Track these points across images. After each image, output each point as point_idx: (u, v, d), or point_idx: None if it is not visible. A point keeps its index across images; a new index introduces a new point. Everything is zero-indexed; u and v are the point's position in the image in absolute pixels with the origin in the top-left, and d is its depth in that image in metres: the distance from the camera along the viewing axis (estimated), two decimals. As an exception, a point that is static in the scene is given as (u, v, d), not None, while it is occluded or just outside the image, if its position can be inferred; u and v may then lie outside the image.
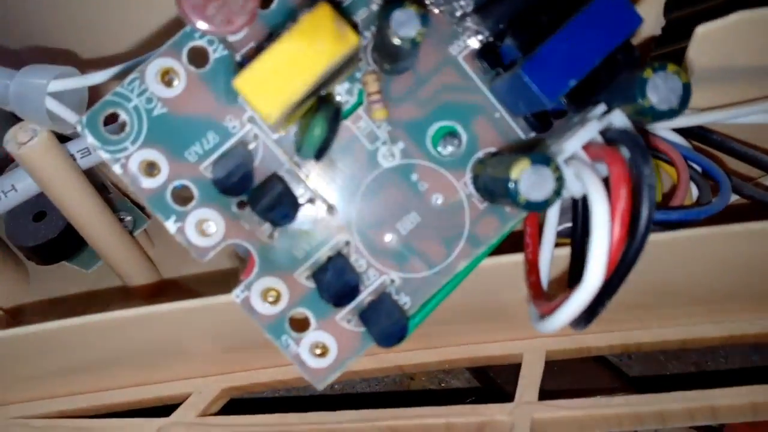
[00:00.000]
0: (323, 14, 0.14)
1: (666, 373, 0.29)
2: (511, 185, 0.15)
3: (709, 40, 0.19)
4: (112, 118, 0.16)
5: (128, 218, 0.27)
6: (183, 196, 0.17)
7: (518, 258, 0.20)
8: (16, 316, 0.26)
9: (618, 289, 0.15)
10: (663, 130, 0.20)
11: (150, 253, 0.27)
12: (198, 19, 0.14)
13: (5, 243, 0.27)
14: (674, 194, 0.20)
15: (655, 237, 0.20)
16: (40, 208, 0.26)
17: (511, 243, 0.19)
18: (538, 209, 0.15)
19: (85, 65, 0.21)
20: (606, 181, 0.15)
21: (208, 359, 0.24)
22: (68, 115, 0.20)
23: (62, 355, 0.23)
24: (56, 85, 0.20)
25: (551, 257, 0.18)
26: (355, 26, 0.16)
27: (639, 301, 0.23)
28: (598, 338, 0.24)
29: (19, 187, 0.22)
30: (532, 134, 0.18)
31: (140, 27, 0.21)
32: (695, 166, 0.20)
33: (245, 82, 0.14)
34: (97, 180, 0.26)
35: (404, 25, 0.15)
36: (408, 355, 0.24)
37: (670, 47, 0.21)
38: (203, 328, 0.23)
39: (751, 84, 0.20)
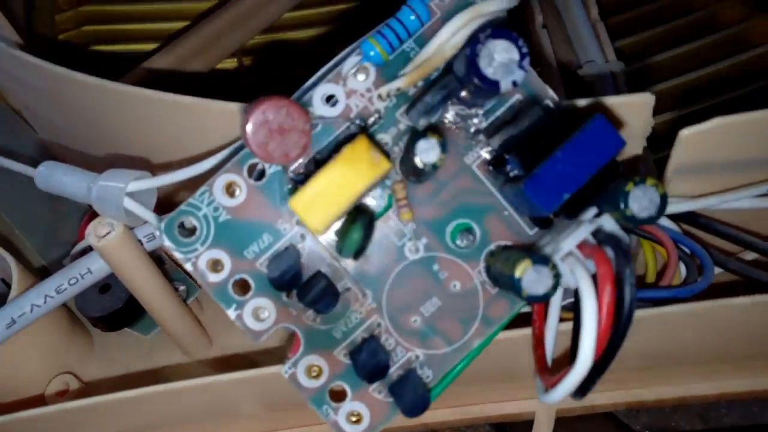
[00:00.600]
0: (361, 146, 0.18)
1: (671, 424, 0.31)
2: (516, 281, 0.18)
3: (690, 142, 0.22)
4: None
5: (182, 287, 0.30)
6: (242, 286, 0.20)
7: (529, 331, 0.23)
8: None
9: (608, 368, 0.18)
10: (655, 215, 0.23)
11: (201, 318, 0.30)
12: (262, 155, 0.17)
13: (73, 311, 0.31)
14: (664, 274, 0.23)
15: (650, 312, 0.23)
16: (105, 281, 0.29)
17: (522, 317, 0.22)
18: (538, 301, 0.18)
19: (155, 168, 0.25)
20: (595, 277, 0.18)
21: (255, 420, 0.27)
22: (144, 213, 0.23)
23: (124, 421, 0.26)
24: (133, 186, 0.23)
25: (555, 334, 0.21)
26: (385, 152, 0.20)
27: (640, 365, 0.26)
28: (604, 397, 0.26)
29: (93, 269, 0.26)
30: (536, 230, 0.21)
31: (199, 138, 0.24)
32: (684, 248, 0.23)
33: (298, 202, 0.18)
34: (155, 252, 0.30)
35: (427, 153, 0.18)
36: (431, 414, 0.27)
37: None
38: (253, 394, 0.26)
39: (732, 175, 0.23)
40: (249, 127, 0.17)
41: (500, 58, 0.17)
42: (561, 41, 0.35)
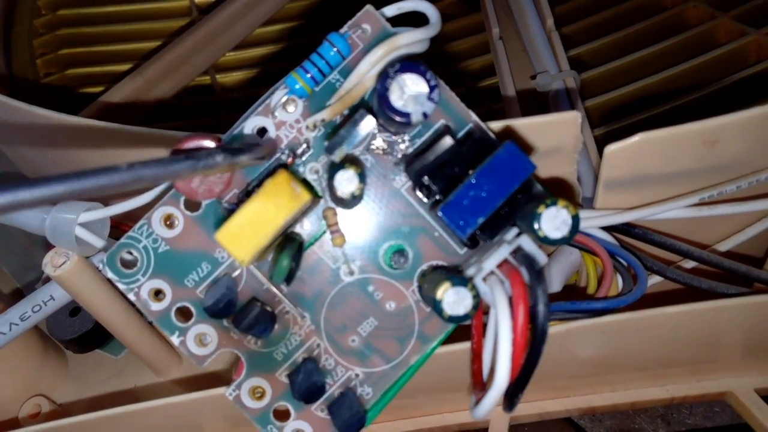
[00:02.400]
0: (281, 179, 0.18)
1: (635, 427, 0.32)
2: (436, 303, 0.18)
3: (617, 156, 0.22)
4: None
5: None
6: (184, 314, 0.21)
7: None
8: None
9: (528, 382, 0.19)
10: (592, 228, 0.24)
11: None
12: (188, 192, 0.18)
13: (47, 336, 0.32)
14: (600, 286, 0.23)
15: (587, 323, 0.23)
16: (75, 304, 0.30)
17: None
18: (459, 322, 0.19)
19: (108, 198, 0.26)
20: (515, 296, 0.18)
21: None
22: (94, 240, 0.24)
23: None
24: (85, 217, 0.24)
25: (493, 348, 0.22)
26: (309, 183, 0.20)
27: (588, 372, 0.26)
28: (556, 404, 0.27)
29: (56, 296, 0.27)
30: (466, 249, 0.21)
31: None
32: (620, 259, 0.24)
33: (223, 235, 0.18)
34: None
35: (344, 184, 0.19)
36: (388, 425, 0.28)
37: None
38: (216, 412, 0.26)
39: (663, 186, 0.24)
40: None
41: (410, 91, 0.18)
42: (517, 53, 0.36)
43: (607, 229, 0.24)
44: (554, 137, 0.23)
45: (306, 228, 0.21)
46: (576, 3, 0.44)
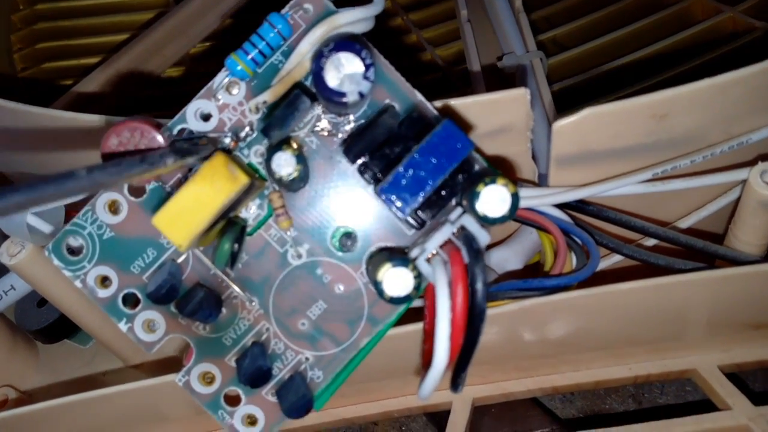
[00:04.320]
0: (218, 162, 0.18)
1: (605, 407, 0.32)
2: (377, 285, 0.18)
3: (566, 132, 0.22)
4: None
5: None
6: (131, 300, 0.21)
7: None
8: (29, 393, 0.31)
9: (470, 362, 0.19)
10: (546, 206, 0.24)
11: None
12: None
13: (17, 326, 0.32)
14: (554, 263, 0.23)
15: (540, 300, 0.23)
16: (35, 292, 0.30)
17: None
18: (401, 303, 0.19)
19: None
20: (456, 275, 0.18)
21: (185, 422, 0.28)
22: (47, 228, 0.24)
23: (60, 428, 0.27)
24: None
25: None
26: (250, 165, 0.20)
27: (550, 352, 0.26)
28: (517, 384, 0.27)
29: (17, 286, 0.27)
30: (413, 231, 0.21)
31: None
32: (574, 237, 0.24)
33: (160, 220, 0.18)
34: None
35: (282, 165, 0.18)
36: (352, 409, 0.28)
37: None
38: (180, 398, 0.26)
39: (615, 162, 0.24)
40: (104, 152, 0.18)
41: (345, 71, 0.18)
42: (488, 36, 0.35)
43: (561, 206, 0.24)
44: (504, 115, 0.23)
45: (252, 212, 0.21)
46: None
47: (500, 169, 0.24)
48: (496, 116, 0.23)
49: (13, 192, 0.13)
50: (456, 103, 0.22)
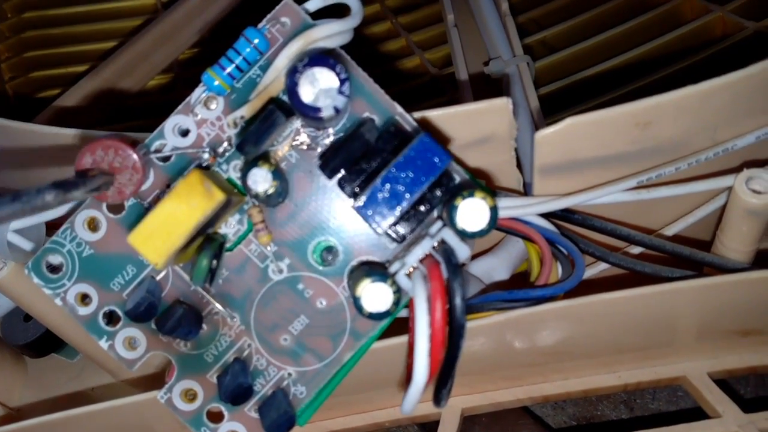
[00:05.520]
0: (193, 179, 0.18)
1: (597, 413, 0.32)
2: (356, 300, 0.18)
3: (548, 142, 0.22)
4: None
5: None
6: (112, 318, 0.21)
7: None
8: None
9: (451, 377, 0.18)
10: (530, 215, 0.23)
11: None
12: (96, 196, 0.18)
13: (4, 341, 0.31)
14: (540, 274, 0.23)
15: (526, 311, 0.23)
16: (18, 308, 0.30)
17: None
18: (381, 318, 0.18)
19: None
20: (436, 290, 0.18)
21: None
22: (28, 246, 0.24)
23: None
24: (19, 223, 0.24)
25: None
26: (228, 180, 0.20)
27: (539, 361, 0.26)
28: (506, 393, 0.27)
29: (1, 302, 0.27)
30: (395, 245, 0.21)
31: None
32: (559, 246, 0.23)
33: (135, 238, 0.18)
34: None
35: (258, 181, 0.18)
36: (340, 421, 0.27)
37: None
38: (166, 413, 0.26)
39: (600, 171, 0.23)
40: (77, 169, 0.18)
41: (320, 86, 0.18)
42: (475, 40, 0.35)
43: (547, 216, 0.24)
44: (487, 125, 0.22)
45: (232, 227, 0.21)
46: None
47: (484, 179, 0.24)
48: (478, 126, 0.22)
49: None
50: (437, 114, 0.22)
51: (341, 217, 0.21)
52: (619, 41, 0.38)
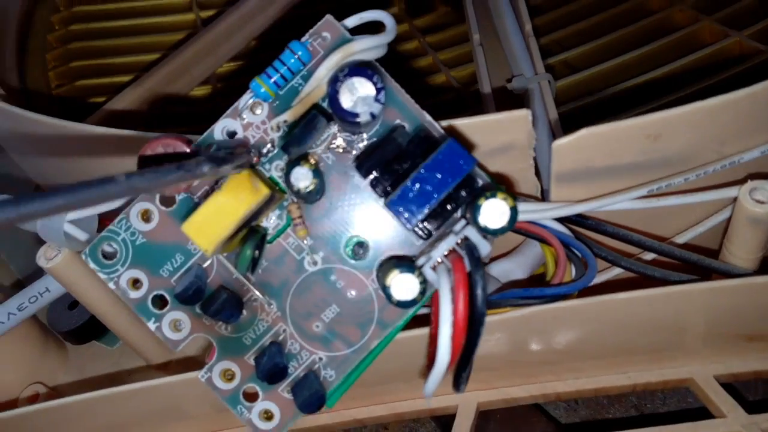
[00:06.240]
0: (242, 175, 0.20)
1: (608, 416, 0.33)
2: (385, 289, 0.20)
3: (564, 151, 0.24)
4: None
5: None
6: (160, 301, 0.23)
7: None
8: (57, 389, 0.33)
9: (470, 362, 0.20)
10: (547, 219, 0.25)
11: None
12: (153, 187, 0.20)
13: (48, 327, 0.34)
14: (555, 274, 0.25)
15: (540, 308, 0.25)
16: (73, 298, 0.32)
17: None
18: (407, 307, 0.20)
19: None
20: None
21: (204, 419, 0.30)
22: (82, 236, 0.26)
23: (84, 424, 0.29)
24: (74, 214, 0.26)
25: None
26: (272, 179, 0.22)
27: (550, 359, 0.28)
28: (521, 390, 0.28)
29: (51, 288, 0.29)
30: (421, 241, 0.23)
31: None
32: (573, 249, 0.25)
33: (189, 226, 0.20)
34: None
35: (300, 179, 0.20)
36: (363, 410, 0.29)
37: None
38: (199, 395, 0.28)
39: (613, 179, 0.25)
40: (139, 164, 0.20)
41: (359, 94, 0.20)
42: (499, 59, 0.37)
43: (562, 220, 0.25)
44: (508, 134, 0.24)
45: (272, 221, 0.23)
46: (564, 10, 0.46)
47: (504, 184, 0.26)
48: (500, 135, 0.24)
49: (56, 195, 0.14)
50: (463, 122, 0.24)
51: (373, 215, 0.23)
52: (638, 63, 0.40)
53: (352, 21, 0.23)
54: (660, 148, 0.24)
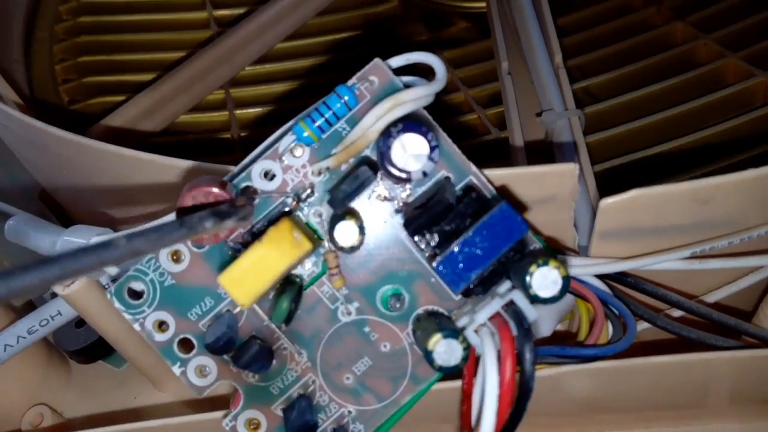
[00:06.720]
0: (284, 228, 0.19)
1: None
2: (428, 354, 0.19)
3: (611, 210, 0.23)
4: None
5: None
6: (186, 345, 0.22)
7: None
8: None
9: (513, 434, 0.19)
10: (586, 275, 0.25)
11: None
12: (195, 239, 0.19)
13: (52, 345, 0.33)
14: (591, 332, 0.24)
15: (576, 368, 0.24)
16: (80, 318, 0.31)
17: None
18: (449, 372, 0.19)
19: (116, 223, 0.27)
20: (504, 350, 0.19)
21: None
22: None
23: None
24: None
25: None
26: (312, 228, 0.21)
27: (578, 411, 0.27)
28: (545, 442, 0.28)
29: (63, 311, 0.28)
30: (460, 296, 0.22)
31: (155, 198, 0.26)
32: (612, 308, 0.24)
33: (226, 278, 0.19)
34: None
35: (345, 236, 0.19)
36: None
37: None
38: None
39: (656, 239, 0.24)
40: (179, 212, 0.19)
41: (411, 150, 0.19)
42: (525, 88, 0.36)
43: (601, 276, 0.25)
44: (552, 186, 0.23)
45: (307, 268, 0.22)
46: (587, 35, 0.45)
47: (541, 235, 0.25)
48: (544, 186, 0.23)
49: (50, 265, 0.12)
50: (505, 173, 0.23)
51: (410, 267, 0.22)
52: (660, 96, 0.39)
53: (398, 61, 0.22)
54: (707, 212, 0.23)
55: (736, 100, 0.38)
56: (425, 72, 0.22)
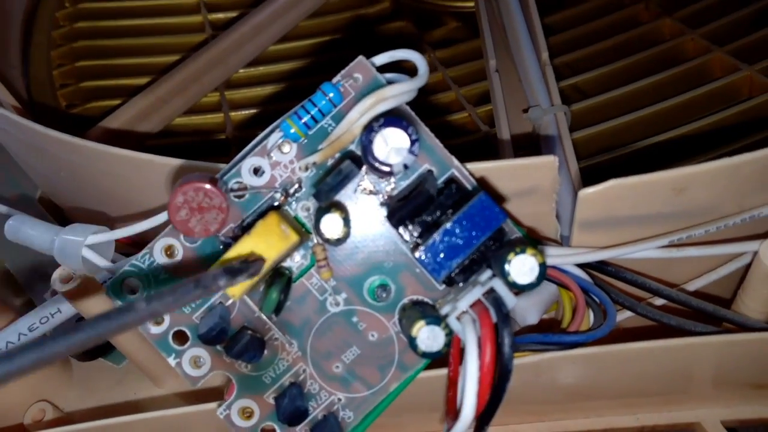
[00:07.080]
0: (271, 221, 0.20)
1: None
2: (411, 340, 0.20)
3: (590, 200, 0.24)
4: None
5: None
6: (180, 337, 0.23)
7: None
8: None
9: (493, 416, 0.20)
10: (568, 265, 0.25)
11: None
12: (184, 230, 0.20)
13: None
14: (573, 320, 0.25)
15: (558, 354, 0.25)
16: (80, 316, 0.32)
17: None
18: (432, 357, 0.20)
19: (113, 221, 0.28)
20: (485, 335, 0.20)
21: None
22: (99, 261, 0.26)
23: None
24: (92, 239, 0.26)
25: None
26: (300, 222, 0.22)
27: (563, 399, 0.28)
28: (530, 428, 0.28)
29: (63, 309, 0.29)
30: (444, 286, 0.23)
31: (152, 197, 0.27)
32: (593, 296, 0.25)
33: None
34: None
35: (330, 228, 0.20)
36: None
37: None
38: (210, 425, 0.28)
39: (635, 228, 0.25)
40: (170, 207, 0.20)
41: (392, 144, 0.20)
42: (513, 85, 0.37)
43: (582, 266, 0.25)
44: (533, 178, 0.24)
45: (296, 261, 0.23)
46: (577, 32, 0.46)
47: (524, 227, 0.26)
48: (525, 179, 0.24)
49: (77, 331, 0.14)
50: (487, 166, 0.24)
51: (396, 259, 0.23)
52: (648, 91, 0.40)
53: (382, 59, 0.23)
54: (684, 201, 0.24)
55: (723, 93, 0.39)
56: (412, 70, 0.23)
